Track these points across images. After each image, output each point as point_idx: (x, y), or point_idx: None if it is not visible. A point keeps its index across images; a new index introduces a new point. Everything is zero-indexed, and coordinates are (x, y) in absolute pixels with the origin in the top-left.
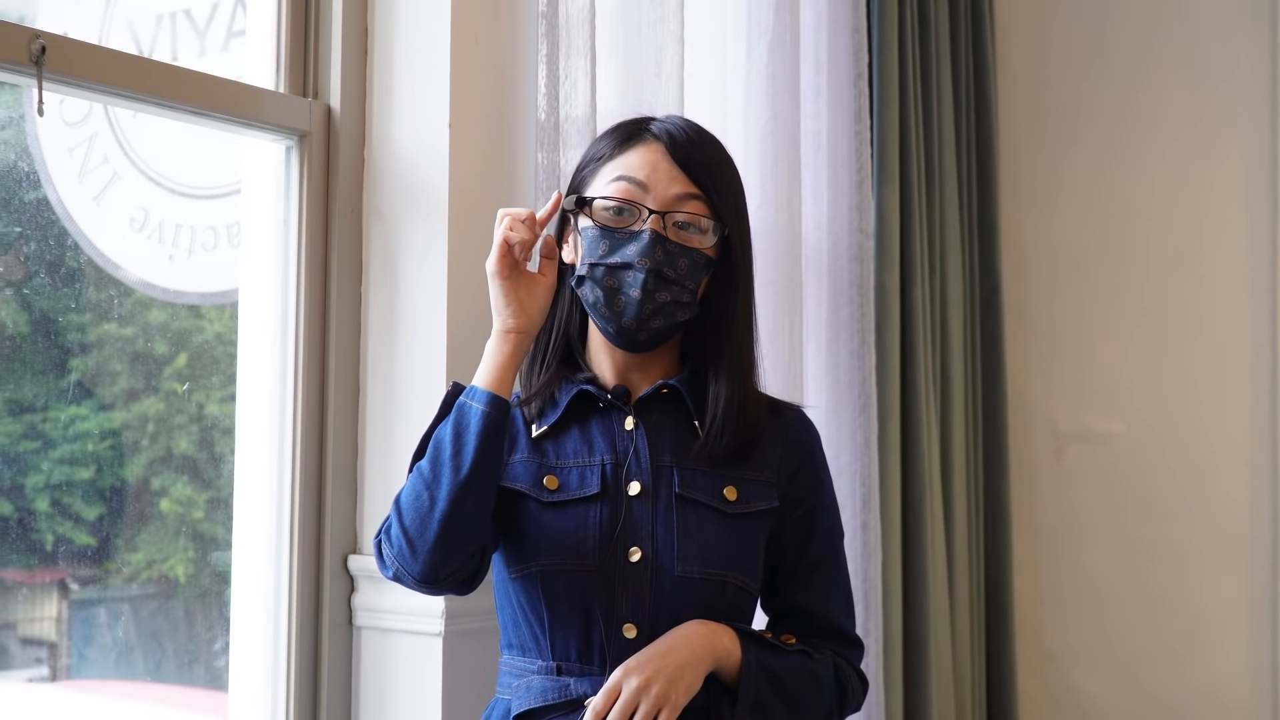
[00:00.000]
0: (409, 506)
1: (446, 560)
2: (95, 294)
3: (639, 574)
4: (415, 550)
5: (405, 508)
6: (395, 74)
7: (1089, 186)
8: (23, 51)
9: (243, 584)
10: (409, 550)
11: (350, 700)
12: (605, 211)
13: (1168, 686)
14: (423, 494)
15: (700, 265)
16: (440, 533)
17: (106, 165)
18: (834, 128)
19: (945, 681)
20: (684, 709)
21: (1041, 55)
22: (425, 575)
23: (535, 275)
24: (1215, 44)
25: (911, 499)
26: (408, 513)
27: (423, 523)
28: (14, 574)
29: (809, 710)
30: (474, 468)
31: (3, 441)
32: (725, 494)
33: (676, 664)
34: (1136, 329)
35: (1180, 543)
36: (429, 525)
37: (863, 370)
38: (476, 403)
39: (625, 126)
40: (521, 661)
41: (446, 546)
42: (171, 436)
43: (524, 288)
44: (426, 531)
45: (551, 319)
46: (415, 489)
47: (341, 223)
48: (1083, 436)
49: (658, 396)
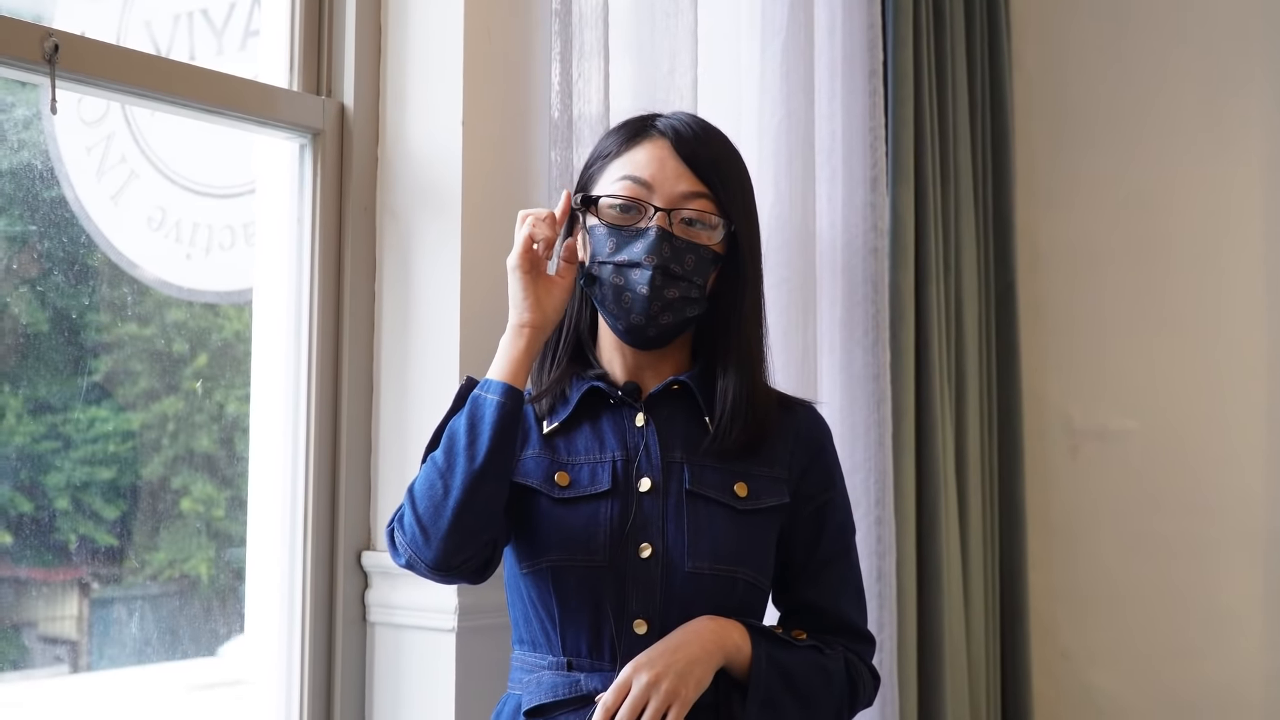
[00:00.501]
0: (422, 494)
1: (460, 548)
2: (113, 293)
3: (649, 570)
4: (429, 537)
5: (419, 495)
6: (409, 72)
7: (1105, 185)
8: (36, 49)
9: (257, 580)
10: (422, 537)
11: (364, 696)
12: (612, 210)
13: (1184, 684)
14: (436, 482)
15: (707, 261)
16: (454, 520)
17: (124, 164)
18: (849, 126)
19: (959, 679)
20: (694, 705)
21: (1057, 53)
22: (438, 562)
23: (553, 277)
24: (1233, 45)
25: (926, 496)
26: (421, 500)
27: (436, 510)
28: (35, 572)
29: (820, 705)
30: (489, 456)
31: (22, 441)
32: (736, 490)
33: (686, 659)
34: (1152, 327)
35: (1196, 539)
36: (443, 512)
37: (877, 367)
38: (491, 394)
39: (631, 124)
40: (533, 657)
41: (460, 534)
42: (192, 436)
43: (542, 285)
44: (440, 519)
45: (563, 316)
46: (429, 478)
47: (355, 220)
48: (1098, 434)
49: (668, 393)
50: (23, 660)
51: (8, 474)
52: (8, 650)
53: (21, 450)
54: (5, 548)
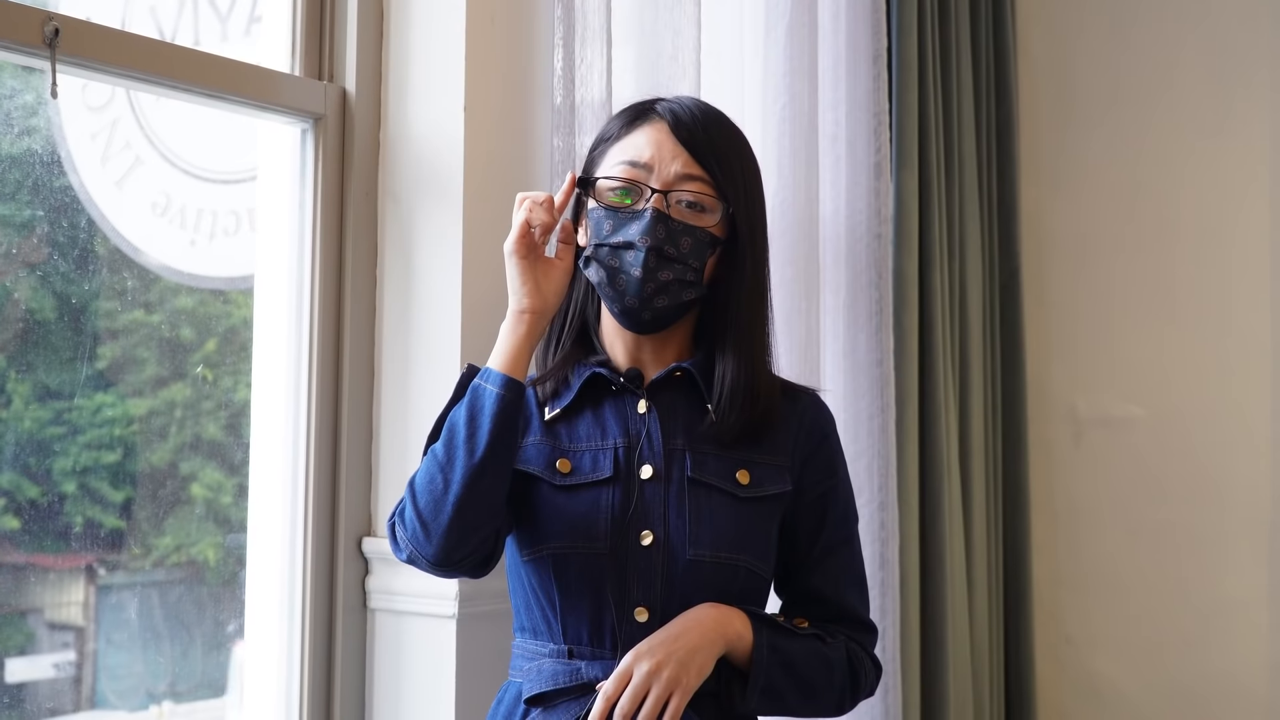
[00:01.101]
0: (423, 489)
1: (461, 543)
2: (117, 279)
3: (650, 558)
4: (429, 533)
5: (419, 490)
6: (411, 57)
7: (1110, 171)
8: (36, 34)
9: (258, 567)
10: (423, 533)
11: (365, 683)
12: (610, 192)
13: (1187, 672)
14: (436, 477)
15: (704, 244)
16: (454, 515)
17: (129, 150)
18: (853, 111)
19: (963, 666)
20: (695, 693)
21: (1063, 38)
22: (439, 558)
23: (552, 259)
24: (1239, 29)
25: (929, 483)
26: (421, 495)
27: (437, 505)
28: (42, 559)
29: (821, 693)
30: (488, 450)
31: (30, 427)
32: (738, 477)
33: (688, 648)
34: (1157, 313)
35: (1200, 528)
36: (443, 508)
37: (880, 353)
38: (491, 385)
39: (633, 108)
40: (533, 644)
41: (461, 529)
42: (199, 422)
43: (541, 270)
44: (440, 515)
45: (567, 302)
46: (429, 472)
47: (356, 206)
48: (1103, 421)
49: (671, 379)
50: (29, 646)
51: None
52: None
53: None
54: (12, 533)
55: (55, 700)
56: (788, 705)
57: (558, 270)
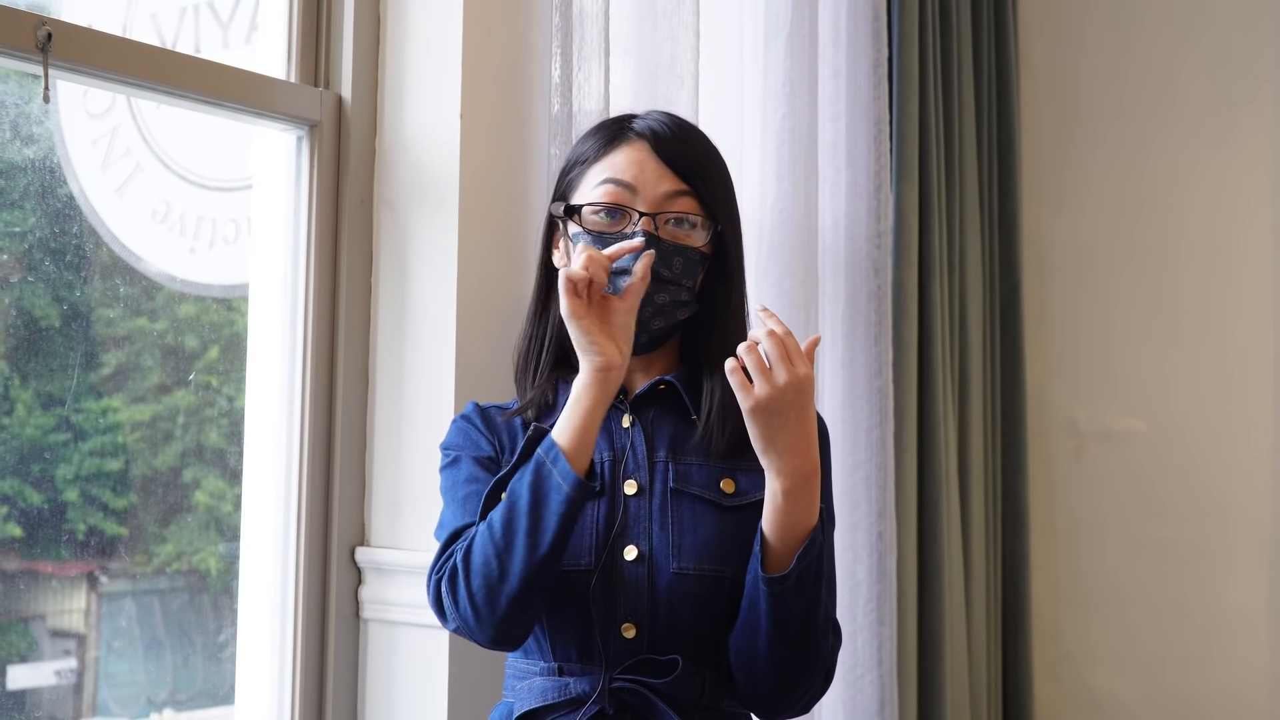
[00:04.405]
0: (478, 571)
1: (514, 628)
2: (117, 287)
3: (636, 573)
4: (482, 620)
5: (474, 571)
6: (407, 64)
7: (1112, 184)
8: (29, 38)
9: (250, 575)
10: (475, 618)
11: (356, 692)
12: (595, 216)
13: (1187, 688)
14: (493, 562)
15: (695, 262)
16: (510, 607)
17: (129, 157)
18: (852, 123)
19: (960, 681)
20: (684, 703)
21: (1065, 51)
22: (494, 642)
23: (610, 299)
24: (1243, 42)
25: (928, 496)
26: (476, 578)
27: (491, 593)
28: (44, 566)
29: (828, 604)
30: (551, 550)
31: (32, 434)
32: (723, 487)
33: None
34: (1158, 327)
35: (1201, 543)
36: (498, 598)
37: (879, 366)
38: (562, 480)
39: (608, 127)
40: (525, 663)
41: (518, 618)
42: (201, 430)
43: (603, 318)
44: (496, 605)
45: (544, 324)
46: (485, 553)
47: (352, 213)
48: (1103, 435)
49: (655, 393)
50: (31, 653)
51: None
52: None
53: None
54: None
55: (56, 707)
56: (818, 596)
57: (619, 311)
